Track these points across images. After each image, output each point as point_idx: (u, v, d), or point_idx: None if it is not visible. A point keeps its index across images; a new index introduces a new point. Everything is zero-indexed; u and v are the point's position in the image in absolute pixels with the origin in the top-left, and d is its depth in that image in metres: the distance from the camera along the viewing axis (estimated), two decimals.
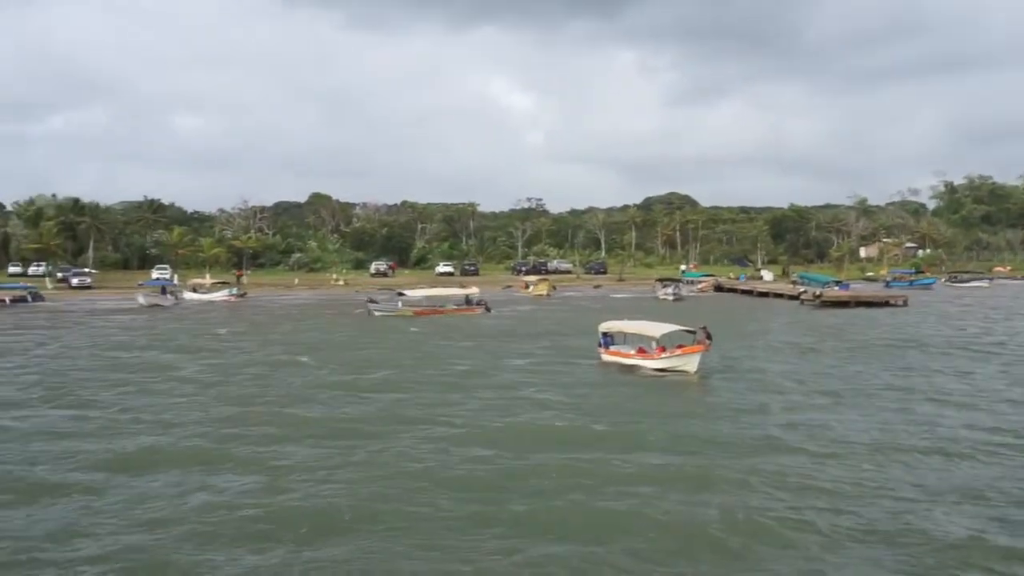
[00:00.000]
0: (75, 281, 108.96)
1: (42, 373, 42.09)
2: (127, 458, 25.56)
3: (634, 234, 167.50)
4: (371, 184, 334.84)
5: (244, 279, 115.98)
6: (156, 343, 54.92)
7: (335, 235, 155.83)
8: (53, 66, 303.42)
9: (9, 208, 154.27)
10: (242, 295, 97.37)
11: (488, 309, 76.72)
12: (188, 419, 30.71)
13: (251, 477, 23.45)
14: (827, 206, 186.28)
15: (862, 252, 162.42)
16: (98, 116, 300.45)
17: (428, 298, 77.89)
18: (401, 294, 79.03)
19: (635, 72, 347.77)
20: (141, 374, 41.58)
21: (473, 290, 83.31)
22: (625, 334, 44.59)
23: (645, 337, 42.52)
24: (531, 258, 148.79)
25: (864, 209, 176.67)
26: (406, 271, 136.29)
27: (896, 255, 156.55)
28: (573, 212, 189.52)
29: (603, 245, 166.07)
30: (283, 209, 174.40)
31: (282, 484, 22.75)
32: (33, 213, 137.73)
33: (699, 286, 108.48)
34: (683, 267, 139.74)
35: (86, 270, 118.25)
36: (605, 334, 45.13)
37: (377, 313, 73.24)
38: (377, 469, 24.20)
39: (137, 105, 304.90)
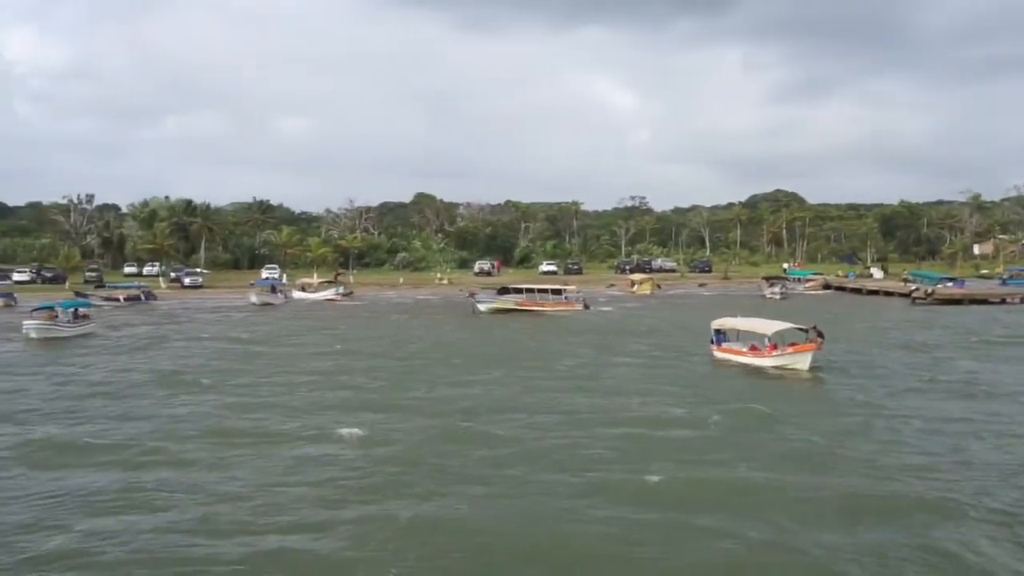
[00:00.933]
0: (187, 280, 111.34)
1: (172, 365, 43.96)
2: (255, 435, 27.36)
3: (739, 232, 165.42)
4: (475, 184, 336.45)
5: (350, 278, 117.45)
6: (273, 338, 56.67)
7: (439, 234, 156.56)
8: (168, 72, 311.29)
9: (125, 210, 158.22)
10: (349, 293, 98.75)
11: (587, 306, 76.96)
12: (314, 403, 32.43)
13: (365, 452, 25.00)
14: (939, 202, 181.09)
15: (976, 249, 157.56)
16: (209, 120, 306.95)
17: (528, 294, 78.51)
18: (504, 290, 79.94)
19: (740, 69, 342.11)
20: (264, 365, 43.45)
21: (571, 287, 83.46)
22: (738, 331, 44.18)
23: (757, 334, 42.07)
24: (635, 256, 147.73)
25: (978, 205, 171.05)
26: (510, 270, 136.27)
27: (1013, 252, 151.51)
28: (677, 210, 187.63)
29: (707, 243, 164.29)
30: (388, 209, 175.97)
31: (404, 456, 24.38)
32: (147, 215, 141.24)
33: (807, 284, 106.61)
34: (786, 265, 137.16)
35: (198, 270, 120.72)
36: (717, 331, 44.81)
37: (481, 307, 74.02)
38: (499, 447, 25.31)
39: (246, 108, 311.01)
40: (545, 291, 79.88)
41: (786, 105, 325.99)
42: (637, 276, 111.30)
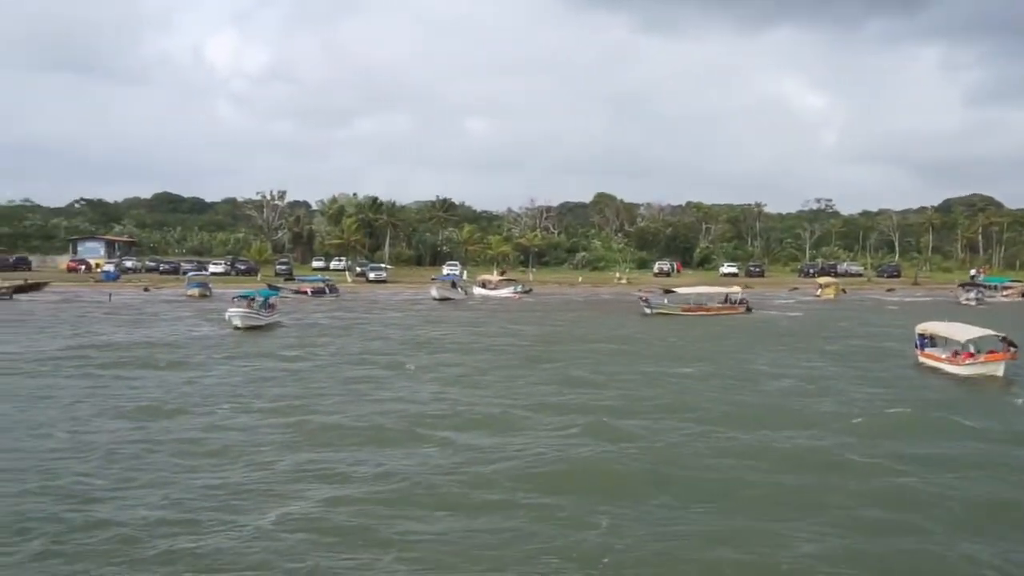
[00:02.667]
0: (372, 275, 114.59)
1: (373, 349, 46.95)
2: (460, 408, 29.62)
3: (931, 236, 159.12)
4: (656, 184, 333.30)
5: (530, 276, 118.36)
6: (459, 329, 58.44)
7: (619, 234, 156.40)
8: (361, 75, 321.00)
9: (314, 206, 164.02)
10: (527, 291, 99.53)
11: (749, 309, 75.95)
12: (518, 386, 34.29)
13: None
14: None
15: None
16: (398, 121, 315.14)
17: (695, 296, 78.13)
18: (668, 291, 79.71)
19: (936, 70, 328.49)
20: (458, 352, 45.74)
21: (735, 289, 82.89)
22: (940, 336, 42.34)
23: (955, 340, 40.25)
24: (819, 260, 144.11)
25: None
26: (689, 271, 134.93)
27: None
28: (865, 214, 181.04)
29: (896, 247, 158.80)
30: (568, 209, 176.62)
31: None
32: (336, 211, 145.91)
33: (1005, 292, 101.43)
34: (973, 271, 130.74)
35: (382, 265, 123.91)
36: (921, 335, 43.09)
37: (647, 311, 73.62)
38: (699, 444, 25.16)
39: (433, 109, 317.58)
40: (710, 294, 79.46)
41: (984, 106, 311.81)
42: (823, 279, 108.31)
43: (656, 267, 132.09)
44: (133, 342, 48.11)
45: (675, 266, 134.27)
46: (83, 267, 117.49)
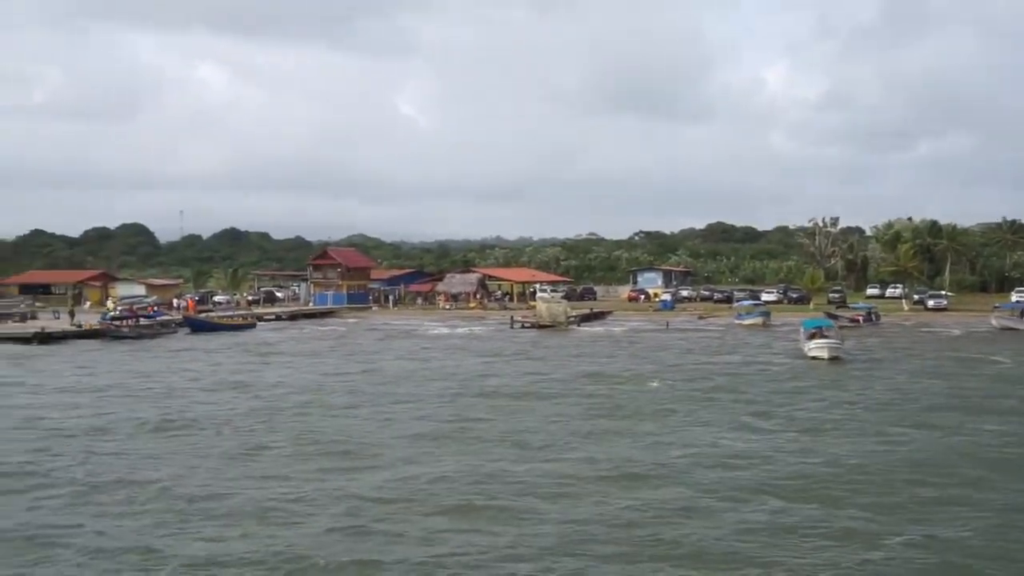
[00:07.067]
0: (931, 303, 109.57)
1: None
2: None
3: None
4: None
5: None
6: None
7: None
8: (922, 96, 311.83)
9: (868, 232, 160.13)
10: None
11: None
12: None
13: None
14: None
15: None
16: (959, 140, 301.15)
17: None
18: None
19: None
20: None
21: None
22: None
23: None
24: None
25: None
26: None
27: None
28: None
29: None
30: None
31: None
32: (891, 236, 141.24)
33: None
34: None
35: (942, 292, 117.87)
36: None
37: None
38: None
39: (1000, 125, 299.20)
40: None
41: None
42: None
43: None
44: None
45: None
46: (642, 296, 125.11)
